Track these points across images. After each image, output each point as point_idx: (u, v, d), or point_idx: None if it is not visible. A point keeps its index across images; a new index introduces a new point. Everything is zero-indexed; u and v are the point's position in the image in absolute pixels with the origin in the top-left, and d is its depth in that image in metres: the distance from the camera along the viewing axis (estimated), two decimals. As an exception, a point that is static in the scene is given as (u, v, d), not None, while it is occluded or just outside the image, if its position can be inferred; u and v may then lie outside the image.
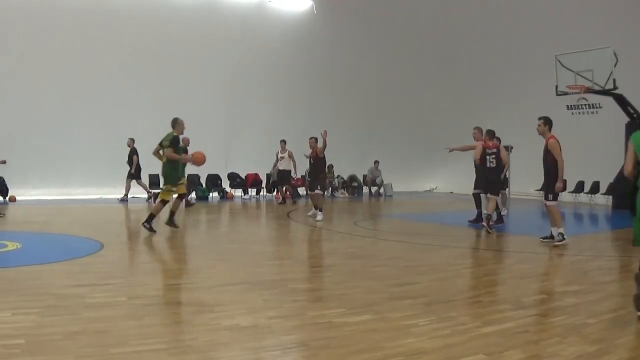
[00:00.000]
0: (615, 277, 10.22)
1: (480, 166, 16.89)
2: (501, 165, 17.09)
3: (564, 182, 13.90)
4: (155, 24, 26.51)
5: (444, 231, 16.47)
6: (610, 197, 24.05)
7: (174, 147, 14.63)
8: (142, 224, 14.42)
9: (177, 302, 7.46)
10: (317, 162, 19.18)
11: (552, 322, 6.91)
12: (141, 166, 23.70)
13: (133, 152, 23.81)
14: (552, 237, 13.74)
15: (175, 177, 14.89)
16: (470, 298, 8.25)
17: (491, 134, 16.68)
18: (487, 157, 16.57)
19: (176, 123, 15.06)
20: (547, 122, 13.78)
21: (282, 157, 24.78)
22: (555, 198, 13.78)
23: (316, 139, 19.05)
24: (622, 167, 20.06)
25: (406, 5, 31.44)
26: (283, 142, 24.77)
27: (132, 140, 23.94)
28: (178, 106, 26.75)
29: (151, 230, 14.20)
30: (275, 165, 25.54)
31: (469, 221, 17.70)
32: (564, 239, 13.53)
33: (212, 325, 6.49)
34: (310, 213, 18.54)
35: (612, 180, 23.48)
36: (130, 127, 25.76)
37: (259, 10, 29.62)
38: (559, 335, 6.31)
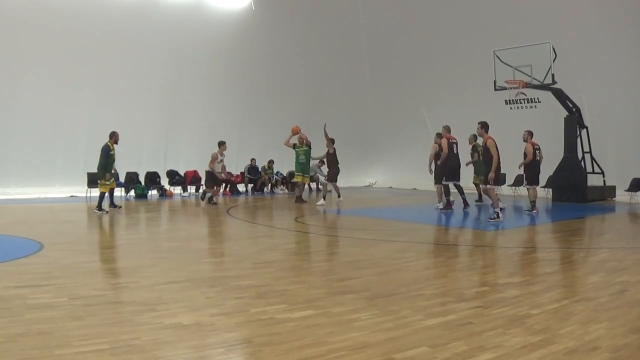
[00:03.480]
0: (556, 269, 10.37)
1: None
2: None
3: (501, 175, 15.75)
4: (89, 21, 26.16)
5: (384, 226, 16.60)
6: (550, 190, 24.40)
7: None
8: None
9: (119, 302, 7.40)
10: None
11: (495, 313, 6.99)
12: None
13: None
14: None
15: None
16: (412, 291, 8.30)
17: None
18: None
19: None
20: (484, 126, 16.68)
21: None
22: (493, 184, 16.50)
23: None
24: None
25: (345, 1, 31.56)
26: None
27: None
28: (116, 104, 26.61)
29: None
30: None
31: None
32: (498, 217, 16.00)
33: (154, 324, 6.46)
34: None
35: (551, 174, 23.82)
36: (69, 125, 25.59)
37: (197, 6, 29.48)
38: (502, 327, 6.40)
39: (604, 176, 24.19)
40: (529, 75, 22.99)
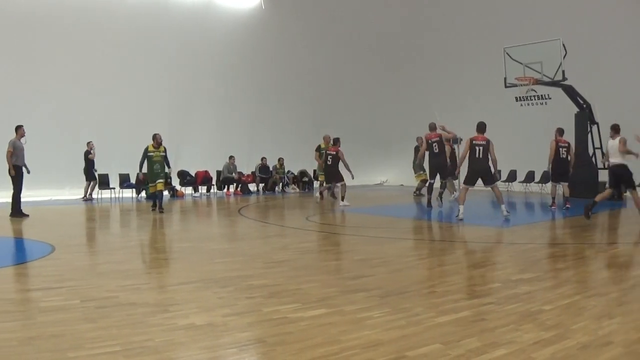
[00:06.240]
0: (568, 264, 10.36)
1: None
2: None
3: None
4: (98, 22, 26.24)
5: (396, 224, 16.57)
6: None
7: None
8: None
9: (131, 303, 7.38)
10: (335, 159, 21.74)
11: (507, 309, 6.97)
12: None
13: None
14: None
15: None
16: (425, 289, 8.32)
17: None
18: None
19: None
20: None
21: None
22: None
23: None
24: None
25: (356, 1, 31.58)
26: None
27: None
28: (123, 105, 26.63)
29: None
30: None
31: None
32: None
33: (167, 325, 6.46)
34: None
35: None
36: (78, 127, 25.61)
37: (207, 6, 29.54)
38: (514, 323, 6.40)
39: (614, 172, 24.15)
40: (540, 72, 22.99)
